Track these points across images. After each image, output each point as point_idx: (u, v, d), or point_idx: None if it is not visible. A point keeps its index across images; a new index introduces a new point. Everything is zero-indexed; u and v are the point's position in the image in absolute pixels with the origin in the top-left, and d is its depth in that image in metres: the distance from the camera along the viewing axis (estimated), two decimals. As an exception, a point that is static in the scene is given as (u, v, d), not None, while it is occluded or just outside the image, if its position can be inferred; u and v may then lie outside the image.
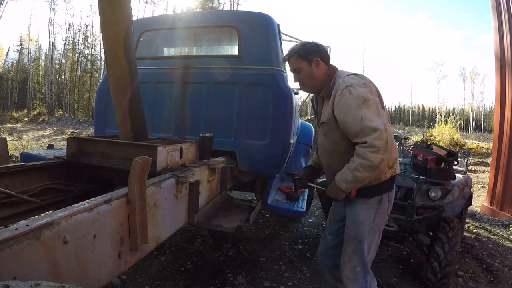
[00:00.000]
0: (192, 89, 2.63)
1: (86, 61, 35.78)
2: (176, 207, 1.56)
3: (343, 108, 1.50)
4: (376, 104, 1.47)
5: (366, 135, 1.42)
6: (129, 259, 1.18)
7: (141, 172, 1.13)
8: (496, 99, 5.42)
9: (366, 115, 1.43)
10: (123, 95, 1.86)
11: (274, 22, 2.63)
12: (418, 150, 3.02)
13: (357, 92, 1.47)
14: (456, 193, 2.63)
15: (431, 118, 48.10)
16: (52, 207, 1.61)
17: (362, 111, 1.44)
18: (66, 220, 0.88)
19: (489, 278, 2.86)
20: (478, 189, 7.07)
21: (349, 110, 1.47)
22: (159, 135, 2.60)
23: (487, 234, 4.10)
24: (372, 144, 1.40)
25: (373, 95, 1.50)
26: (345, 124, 1.50)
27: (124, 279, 2.46)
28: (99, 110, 2.91)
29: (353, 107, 1.46)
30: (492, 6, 5.45)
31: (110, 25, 1.71)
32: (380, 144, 1.39)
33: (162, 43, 3.19)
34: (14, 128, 18.30)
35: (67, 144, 1.85)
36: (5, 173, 1.51)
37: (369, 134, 1.41)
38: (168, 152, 1.72)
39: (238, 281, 2.53)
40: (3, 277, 0.69)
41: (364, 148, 1.42)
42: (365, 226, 1.61)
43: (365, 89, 1.49)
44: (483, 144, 15.29)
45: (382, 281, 2.71)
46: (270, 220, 3.99)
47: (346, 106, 1.49)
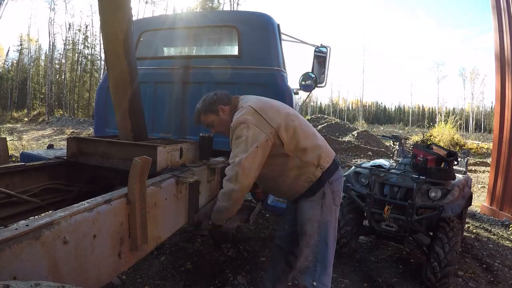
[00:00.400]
0: (192, 89, 2.63)
1: (86, 61, 35.80)
2: (176, 207, 1.56)
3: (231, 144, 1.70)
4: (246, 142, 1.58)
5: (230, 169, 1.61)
6: (129, 259, 1.18)
7: (141, 172, 1.13)
8: (496, 99, 5.41)
9: (234, 152, 1.61)
10: (123, 95, 1.86)
11: (274, 22, 2.64)
12: (418, 150, 3.02)
13: (235, 129, 1.63)
14: (456, 193, 2.63)
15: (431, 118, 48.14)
16: (52, 207, 1.61)
17: (233, 148, 1.63)
18: (66, 220, 0.88)
19: (489, 278, 2.86)
20: (478, 189, 7.07)
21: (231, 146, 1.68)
22: (159, 135, 2.60)
23: (487, 234, 4.10)
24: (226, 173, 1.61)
25: (249, 131, 1.59)
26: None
27: (124, 279, 2.46)
28: (99, 110, 2.91)
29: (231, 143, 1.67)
30: (492, 6, 5.44)
31: (110, 25, 1.70)
32: (230, 175, 1.58)
33: (162, 43, 3.19)
34: (14, 128, 18.31)
35: (67, 144, 1.84)
36: (5, 173, 1.51)
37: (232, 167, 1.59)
38: (168, 152, 1.72)
39: (238, 281, 2.53)
40: (3, 277, 0.69)
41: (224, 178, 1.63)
42: (314, 222, 1.68)
43: (242, 125, 1.61)
44: (483, 144, 15.31)
45: (382, 281, 2.71)
46: (270, 220, 3.99)
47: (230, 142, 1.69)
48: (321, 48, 3.00)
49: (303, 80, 2.84)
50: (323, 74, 2.97)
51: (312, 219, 1.68)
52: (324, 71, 2.97)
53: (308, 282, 1.63)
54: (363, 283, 2.67)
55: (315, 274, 1.64)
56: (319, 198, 1.69)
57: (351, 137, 13.10)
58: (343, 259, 3.04)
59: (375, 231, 2.90)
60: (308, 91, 2.95)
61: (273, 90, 2.41)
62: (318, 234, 1.67)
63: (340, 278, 2.71)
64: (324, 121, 15.54)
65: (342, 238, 2.96)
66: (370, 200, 2.74)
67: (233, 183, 1.56)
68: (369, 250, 3.36)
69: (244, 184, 1.57)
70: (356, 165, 3.15)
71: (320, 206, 1.68)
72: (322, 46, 3.01)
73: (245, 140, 1.58)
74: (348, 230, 2.96)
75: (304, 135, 1.70)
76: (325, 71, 2.96)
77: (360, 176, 3.01)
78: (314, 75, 2.86)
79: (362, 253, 3.27)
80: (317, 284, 1.63)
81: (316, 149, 1.70)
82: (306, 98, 4.19)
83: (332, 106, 62.39)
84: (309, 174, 1.67)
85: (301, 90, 2.91)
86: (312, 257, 1.67)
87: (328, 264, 1.68)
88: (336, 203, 1.74)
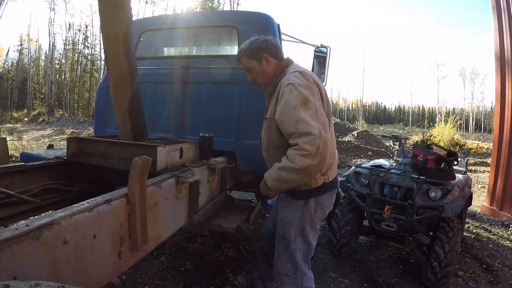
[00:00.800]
0: (192, 89, 2.63)
1: (86, 61, 35.79)
2: (176, 207, 1.56)
3: (282, 107, 1.47)
4: (315, 107, 1.43)
5: (298, 137, 1.39)
6: (129, 259, 1.18)
7: (141, 172, 1.13)
8: (496, 99, 5.41)
9: (302, 117, 1.39)
10: (123, 95, 1.86)
11: (274, 22, 2.64)
12: (418, 150, 3.02)
13: (297, 92, 1.43)
14: (456, 193, 2.63)
15: (431, 118, 48.15)
16: (52, 207, 1.61)
17: (299, 112, 1.40)
18: (66, 220, 0.88)
19: (489, 278, 2.86)
20: (478, 189, 7.07)
21: (286, 109, 1.44)
22: (159, 135, 2.60)
23: (487, 234, 4.10)
24: (302, 148, 1.37)
25: (314, 98, 1.46)
26: (282, 123, 1.48)
27: (124, 279, 2.46)
28: (99, 110, 2.91)
29: (290, 107, 1.43)
30: (492, 6, 5.44)
31: (110, 25, 1.71)
32: (311, 149, 1.36)
33: (162, 43, 3.19)
34: (14, 128, 18.31)
35: (67, 144, 1.85)
36: (5, 173, 1.51)
37: (302, 137, 1.38)
38: (168, 152, 1.72)
39: (238, 281, 2.53)
40: (3, 277, 0.69)
41: (294, 150, 1.40)
42: (291, 228, 1.62)
43: (307, 90, 1.45)
44: (483, 144, 15.31)
45: (382, 281, 2.71)
46: (270, 220, 3.99)
47: (284, 105, 1.46)
48: (321, 48, 3.00)
49: (303, 80, 2.84)
50: (323, 74, 2.97)
51: (290, 223, 1.64)
52: (324, 71, 2.97)
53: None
54: (363, 283, 2.67)
55: (297, 281, 1.62)
56: (301, 205, 1.62)
57: (351, 137, 13.10)
58: (343, 259, 3.04)
59: (375, 231, 2.89)
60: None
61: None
62: (294, 241, 1.63)
63: (340, 278, 2.71)
64: (324, 121, 15.50)
65: (342, 238, 2.96)
66: (370, 200, 2.74)
67: (312, 158, 1.36)
68: (369, 250, 3.36)
69: (324, 157, 1.40)
70: (356, 165, 3.15)
71: (300, 213, 1.62)
72: (322, 46, 3.01)
73: (315, 106, 1.43)
74: (348, 230, 2.96)
75: (331, 135, 1.56)
76: (325, 71, 2.96)
77: (360, 176, 3.00)
78: (314, 75, 2.85)
79: (362, 253, 3.27)
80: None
81: (332, 156, 1.56)
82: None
83: (332, 106, 62.42)
84: (310, 178, 1.54)
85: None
86: (291, 265, 1.63)
87: (307, 269, 1.66)
88: (317, 216, 1.65)
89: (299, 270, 1.63)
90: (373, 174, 2.83)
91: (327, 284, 2.59)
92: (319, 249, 3.20)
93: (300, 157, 1.37)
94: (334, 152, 1.60)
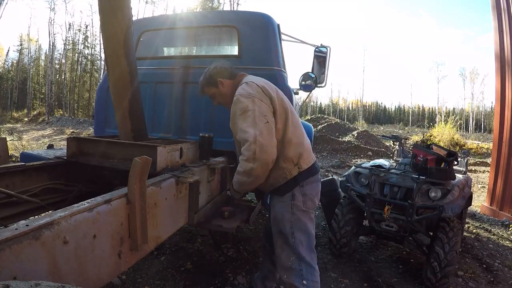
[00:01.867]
0: (192, 89, 2.63)
1: (86, 61, 35.81)
2: (176, 207, 1.56)
3: (231, 118, 1.68)
4: (253, 115, 1.55)
5: (242, 144, 1.57)
6: (129, 259, 1.18)
7: (141, 172, 1.13)
8: (496, 99, 5.41)
9: (241, 126, 1.56)
10: (123, 95, 1.86)
11: (274, 22, 2.64)
12: (418, 150, 3.02)
13: (239, 102, 1.60)
14: (456, 193, 2.63)
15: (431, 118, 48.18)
16: (52, 207, 1.61)
17: (239, 122, 1.58)
18: (66, 220, 0.88)
19: (489, 278, 2.86)
20: (478, 189, 7.07)
21: (233, 120, 1.65)
22: (159, 135, 2.60)
23: (487, 234, 4.10)
24: (242, 153, 1.56)
25: (255, 105, 1.57)
26: (234, 132, 1.68)
27: (124, 279, 2.46)
28: (99, 110, 2.91)
29: (235, 117, 1.63)
30: (492, 6, 5.44)
31: (110, 25, 1.70)
32: (247, 154, 1.52)
33: (162, 43, 3.19)
34: (14, 128, 18.30)
35: (67, 144, 1.84)
36: (5, 173, 1.51)
37: (244, 144, 1.55)
38: (168, 152, 1.72)
39: (238, 281, 2.53)
40: (3, 277, 0.69)
41: (240, 156, 1.60)
42: (285, 223, 1.69)
43: (247, 99, 1.58)
44: (483, 144, 15.31)
45: (382, 281, 2.71)
46: (270, 220, 3.99)
47: (232, 116, 1.67)
48: (321, 48, 3.00)
49: (303, 80, 2.84)
50: (323, 74, 2.97)
51: (283, 220, 1.69)
52: (324, 71, 2.97)
53: (298, 283, 1.63)
54: (363, 283, 2.67)
55: (302, 273, 1.64)
56: (289, 199, 1.68)
57: (351, 137, 13.10)
58: (343, 259, 3.04)
59: (375, 231, 2.90)
60: (308, 91, 2.95)
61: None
62: (292, 235, 1.67)
63: (340, 278, 2.71)
64: (324, 121, 15.53)
65: (342, 238, 2.96)
66: (370, 200, 2.74)
67: (252, 162, 1.52)
68: (369, 250, 3.36)
69: (264, 161, 1.53)
70: (356, 165, 3.15)
71: (290, 208, 1.68)
72: (322, 46, 3.01)
73: (253, 114, 1.55)
74: (348, 230, 2.96)
75: (293, 128, 1.69)
76: (325, 71, 2.96)
77: (360, 176, 3.01)
78: (314, 75, 2.86)
79: (362, 253, 3.27)
80: (307, 282, 1.63)
81: (299, 146, 1.69)
82: (306, 98, 4.19)
83: (332, 106, 62.40)
84: (285, 170, 1.66)
85: (301, 90, 2.91)
86: (294, 257, 1.67)
87: (311, 261, 1.69)
88: (308, 206, 1.71)
89: (304, 262, 1.66)
90: (373, 174, 2.83)
91: (327, 284, 2.58)
92: (319, 249, 3.20)
93: (242, 161, 1.57)
94: (299, 142, 1.69)
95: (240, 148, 1.68)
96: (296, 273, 1.65)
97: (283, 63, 2.68)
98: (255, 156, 1.51)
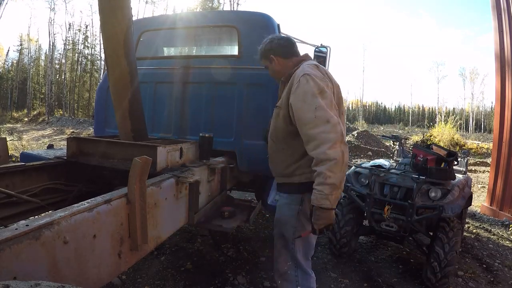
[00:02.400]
0: (192, 89, 2.63)
1: (86, 61, 35.78)
2: (176, 207, 1.56)
3: (299, 96, 1.47)
4: (331, 98, 1.47)
5: (316, 127, 1.37)
6: (129, 259, 1.18)
7: (141, 172, 1.13)
8: (496, 99, 5.41)
9: (321, 104, 1.40)
10: (123, 95, 1.86)
11: (274, 22, 2.63)
12: (418, 150, 3.02)
13: (314, 82, 1.46)
14: (456, 193, 2.63)
15: (431, 118, 48.16)
16: (52, 207, 1.61)
17: (317, 99, 1.42)
18: (66, 220, 0.88)
19: (489, 278, 2.86)
20: (478, 189, 7.07)
21: (305, 98, 1.44)
22: (159, 135, 2.60)
23: (487, 234, 4.10)
24: (326, 139, 1.34)
25: (329, 90, 1.49)
26: (299, 111, 1.46)
27: (124, 279, 2.46)
28: (99, 110, 2.91)
29: (308, 95, 1.44)
30: (492, 6, 5.44)
31: (110, 25, 1.70)
32: (335, 137, 1.34)
33: (162, 43, 3.18)
34: (14, 128, 18.30)
35: (67, 144, 1.84)
36: (5, 173, 1.51)
37: (321, 124, 1.37)
38: (168, 152, 1.72)
39: (238, 281, 2.53)
40: (3, 277, 0.69)
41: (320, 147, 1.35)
42: (289, 227, 1.62)
43: (322, 81, 1.49)
44: (483, 144, 15.31)
45: (382, 281, 2.71)
46: (270, 220, 3.99)
47: (302, 93, 1.46)
48: (321, 48, 2.99)
49: (303, 80, 2.84)
50: (323, 74, 2.97)
51: (286, 223, 1.64)
52: (324, 71, 2.96)
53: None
54: (363, 283, 2.67)
55: (298, 279, 1.62)
56: (297, 204, 1.61)
57: (351, 137, 13.08)
58: (343, 259, 3.04)
59: (375, 231, 2.89)
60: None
61: (273, 90, 2.40)
62: (293, 241, 1.62)
63: (340, 278, 2.71)
64: (324, 121, 15.49)
65: (342, 238, 2.96)
66: (370, 200, 2.74)
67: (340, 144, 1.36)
68: (369, 250, 3.36)
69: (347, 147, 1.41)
70: (356, 165, 3.15)
71: (296, 212, 1.61)
72: (322, 46, 3.00)
73: (331, 97, 1.47)
74: (348, 230, 2.96)
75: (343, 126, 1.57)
76: (325, 71, 2.96)
77: (360, 176, 3.00)
78: (314, 75, 2.85)
79: (362, 253, 3.27)
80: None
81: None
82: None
83: (332, 106, 62.12)
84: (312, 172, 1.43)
85: None
86: (291, 263, 1.64)
87: (306, 267, 1.66)
88: None
89: (300, 268, 1.64)
90: (373, 174, 2.83)
91: (327, 284, 2.59)
92: (319, 249, 3.20)
93: (331, 149, 1.33)
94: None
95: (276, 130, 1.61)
96: (291, 279, 1.63)
97: (283, 63, 2.67)
98: (343, 137, 1.37)
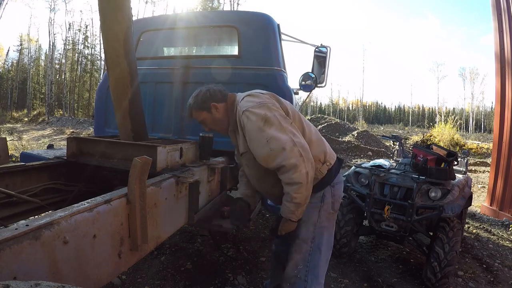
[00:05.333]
0: (192, 89, 2.61)
1: (86, 61, 35.82)
2: (176, 207, 1.56)
3: (248, 136, 1.46)
4: (277, 120, 1.42)
5: (277, 158, 1.37)
6: (129, 259, 1.18)
7: (141, 172, 1.13)
8: (496, 99, 5.41)
9: (270, 134, 1.38)
10: (123, 95, 1.85)
11: (274, 22, 2.64)
12: (418, 150, 3.02)
13: (253, 115, 1.43)
14: (456, 193, 2.63)
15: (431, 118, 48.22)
16: (52, 207, 1.61)
17: (265, 132, 1.39)
18: (66, 220, 0.88)
19: (489, 278, 2.86)
20: (478, 189, 7.07)
21: (254, 136, 1.43)
22: (159, 135, 2.60)
23: (487, 234, 4.10)
24: (289, 165, 1.36)
25: (272, 111, 1.44)
26: (255, 150, 1.46)
27: (124, 279, 2.46)
28: (99, 110, 2.91)
29: (255, 132, 1.42)
30: (492, 6, 5.44)
31: (110, 25, 1.70)
32: (294, 161, 1.35)
33: (162, 43, 3.18)
34: (14, 128, 18.30)
35: (67, 144, 1.84)
36: (5, 173, 1.51)
37: (279, 156, 1.36)
38: (168, 152, 1.72)
39: (238, 281, 2.53)
40: (3, 277, 0.69)
41: (285, 173, 1.39)
42: (309, 226, 1.56)
43: (260, 109, 1.44)
44: (483, 144, 15.32)
45: (382, 281, 2.71)
46: (270, 220, 3.99)
47: (249, 133, 1.45)
48: (321, 48, 3.00)
49: (303, 80, 2.84)
50: (323, 74, 2.97)
51: (307, 221, 1.55)
52: (324, 71, 2.97)
53: None
54: (363, 283, 2.67)
55: (306, 285, 1.53)
56: (318, 201, 1.56)
57: (351, 137, 13.09)
58: (343, 259, 3.04)
59: (375, 231, 2.90)
60: (308, 91, 2.95)
61: (273, 90, 2.39)
62: (312, 240, 1.55)
63: (340, 278, 2.71)
64: (324, 121, 15.53)
65: (342, 238, 2.96)
66: (370, 200, 2.74)
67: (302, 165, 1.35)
68: (369, 250, 3.36)
69: (311, 160, 1.40)
70: (356, 165, 3.15)
71: (318, 210, 1.55)
72: (322, 46, 3.01)
73: (276, 119, 1.41)
74: (348, 230, 2.96)
75: (308, 127, 1.58)
76: (325, 71, 2.96)
77: (360, 176, 3.01)
78: (314, 75, 2.86)
79: (362, 253, 3.27)
80: None
81: (321, 144, 1.57)
82: (306, 98, 4.19)
83: (332, 106, 62.37)
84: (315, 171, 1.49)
85: (301, 90, 2.91)
86: (302, 266, 1.55)
87: (319, 274, 1.57)
88: (335, 208, 1.61)
89: (311, 273, 1.55)
90: (373, 174, 2.83)
91: (327, 284, 2.58)
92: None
93: (295, 173, 1.36)
94: (318, 139, 1.60)
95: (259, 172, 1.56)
96: (300, 284, 1.53)
97: (283, 63, 2.68)
98: (303, 157, 1.36)
